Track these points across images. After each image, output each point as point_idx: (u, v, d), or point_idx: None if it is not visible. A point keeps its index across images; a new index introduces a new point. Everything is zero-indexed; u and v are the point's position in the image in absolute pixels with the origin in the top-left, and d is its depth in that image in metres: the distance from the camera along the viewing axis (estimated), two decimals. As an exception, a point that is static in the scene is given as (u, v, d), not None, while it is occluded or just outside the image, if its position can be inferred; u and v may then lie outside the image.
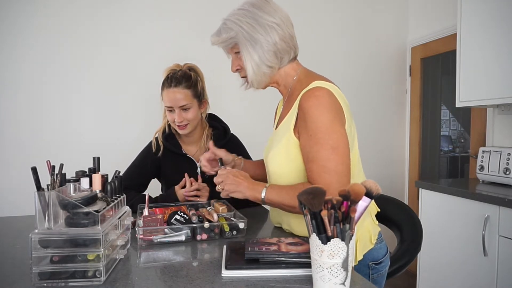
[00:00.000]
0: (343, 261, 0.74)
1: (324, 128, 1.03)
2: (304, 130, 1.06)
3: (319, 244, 0.75)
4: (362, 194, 0.78)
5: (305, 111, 1.05)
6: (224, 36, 1.14)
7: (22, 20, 2.58)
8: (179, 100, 1.57)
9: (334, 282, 0.75)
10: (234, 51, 1.17)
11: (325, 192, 0.76)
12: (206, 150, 1.66)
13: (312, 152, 1.03)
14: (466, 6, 2.36)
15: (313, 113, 1.04)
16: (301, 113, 1.07)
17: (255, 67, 1.13)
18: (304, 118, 1.06)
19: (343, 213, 0.77)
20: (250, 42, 1.12)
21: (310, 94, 1.06)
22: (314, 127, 1.03)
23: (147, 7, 2.80)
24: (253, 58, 1.13)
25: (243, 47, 1.13)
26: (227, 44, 1.16)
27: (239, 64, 1.18)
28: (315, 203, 0.75)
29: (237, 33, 1.12)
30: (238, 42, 1.13)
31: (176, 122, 1.59)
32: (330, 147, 1.02)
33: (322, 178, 1.01)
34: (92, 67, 2.71)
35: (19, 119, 2.60)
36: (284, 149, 1.11)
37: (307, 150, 1.05)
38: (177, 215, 1.19)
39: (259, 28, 1.11)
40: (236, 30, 1.12)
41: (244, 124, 2.82)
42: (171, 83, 1.58)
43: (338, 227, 0.75)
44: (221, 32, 1.15)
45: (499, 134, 2.52)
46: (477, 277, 2.01)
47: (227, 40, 1.14)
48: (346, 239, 0.74)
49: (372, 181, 0.83)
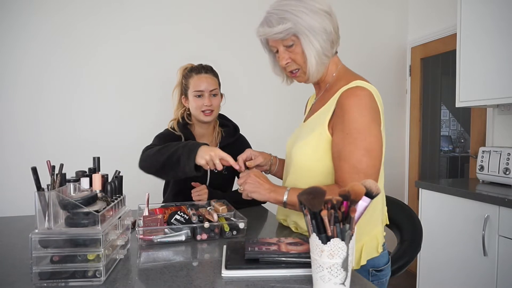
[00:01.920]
0: (343, 261, 0.74)
1: (362, 128, 1.02)
2: (340, 127, 1.05)
3: (319, 244, 0.75)
4: (362, 194, 0.78)
5: (344, 109, 1.04)
6: (279, 27, 1.07)
7: (22, 20, 2.58)
8: (210, 84, 1.64)
9: (334, 282, 0.75)
10: (284, 44, 1.11)
11: (325, 192, 0.76)
12: (216, 145, 1.71)
13: (345, 151, 1.03)
14: (466, 6, 2.36)
15: (352, 112, 1.03)
16: (339, 110, 1.06)
17: (317, 57, 1.09)
18: (341, 116, 1.05)
19: (343, 213, 0.77)
20: (309, 31, 1.07)
21: (352, 93, 1.05)
22: (351, 126, 1.03)
23: (147, 7, 2.80)
24: (315, 47, 1.08)
25: (303, 37, 1.08)
26: (283, 35, 1.09)
27: (289, 57, 1.13)
28: (315, 203, 0.75)
29: (295, 23, 1.07)
30: (296, 33, 1.08)
31: (205, 107, 1.62)
32: (364, 149, 1.02)
33: (351, 178, 1.00)
34: (92, 67, 2.71)
35: (19, 119, 2.60)
36: (314, 142, 1.10)
37: (340, 148, 1.04)
38: (177, 215, 1.19)
39: (314, 15, 1.08)
40: (293, 20, 1.07)
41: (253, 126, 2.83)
42: (201, 69, 1.66)
43: (338, 227, 0.75)
44: (273, 23, 1.08)
45: (499, 134, 2.52)
46: (477, 277, 2.01)
47: (283, 31, 1.08)
48: (346, 239, 0.74)
49: (372, 181, 0.83)
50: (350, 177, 1.01)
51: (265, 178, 1.16)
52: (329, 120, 1.08)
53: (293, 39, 1.09)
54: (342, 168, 1.03)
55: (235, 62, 2.95)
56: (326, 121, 1.09)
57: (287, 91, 3.03)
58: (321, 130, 1.09)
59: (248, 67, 2.99)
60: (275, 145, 1.98)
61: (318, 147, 1.09)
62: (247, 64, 2.98)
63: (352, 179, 1.00)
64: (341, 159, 1.03)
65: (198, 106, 1.63)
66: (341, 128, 1.04)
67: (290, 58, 1.13)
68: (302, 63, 1.12)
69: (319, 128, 1.10)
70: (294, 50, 1.11)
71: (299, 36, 1.08)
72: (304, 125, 1.22)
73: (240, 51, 2.96)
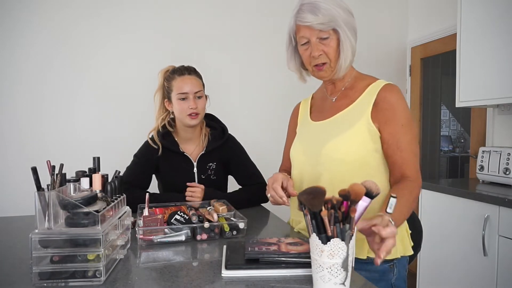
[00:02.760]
0: (343, 261, 0.74)
1: (411, 119, 1.13)
2: (394, 120, 1.10)
3: (319, 244, 0.75)
4: (362, 194, 0.79)
5: (392, 103, 1.11)
6: (323, 17, 1.10)
7: (22, 20, 2.58)
8: (195, 86, 1.58)
9: (334, 282, 0.75)
10: (320, 35, 1.13)
11: (325, 192, 0.76)
12: (203, 149, 1.66)
13: (405, 141, 1.09)
14: (466, 6, 2.36)
15: (401, 105, 1.12)
16: (386, 104, 1.11)
17: (352, 54, 1.15)
18: (391, 109, 1.11)
19: (343, 213, 0.77)
20: (347, 27, 1.12)
21: (392, 89, 1.14)
22: (405, 119, 1.10)
23: (147, 8, 2.80)
24: (352, 44, 1.14)
25: (343, 31, 1.11)
26: (325, 26, 1.11)
27: (323, 49, 1.14)
28: (315, 203, 0.75)
29: (336, 17, 1.10)
30: (336, 26, 1.11)
31: (190, 110, 1.56)
32: (415, 137, 1.12)
33: (414, 163, 1.09)
34: (92, 67, 2.72)
35: (19, 119, 2.60)
36: (359, 135, 1.12)
37: (398, 139, 1.09)
38: (177, 215, 1.19)
39: (348, 13, 1.13)
40: (335, 13, 1.10)
41: (243, 125, 2.83)
42: (184, 71, 1.61)
43: (338, 227, 0.75)
44: (317, 13, 1.10)
45: (499, 134, 2.52)
46: (477, 277, 2.01)
47: (326, 23, 1.10)
48: (346, 239, 0.74)
49: (372, 181, 0.83)
50: (414, 165, 1.09)
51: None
52: (371, 112, 1.12)
53: (330, 33, 1.12)
54: (405, 157, 1.09)
55: (231, 62, 2.95)
56: (367, 114, 1.12)
57: (282, 91, 3.03)
58: (364, 122, 1.12)
59: (245, 68, 2.99)
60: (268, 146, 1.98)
61: (364, 140, 1.12)
62: (243, 65, 2.98)
63: (415, 166, 1.09)
64: (402, 149, 1.09)
65: (183, 110, 1.57)
66: (395, 121, 1.10)
67: (322, 50, 1.14)
68: (332, 57, 1.15)
69: (362, 121, 1.12)
70: (329, 43, 1.13)
71: (338, 30, 1.11)
72: (332, 121, 1.20)
73: (239, 52, 2.96)
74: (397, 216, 0.95)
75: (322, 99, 1.32)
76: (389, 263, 1.14)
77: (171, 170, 1.65)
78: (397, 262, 1.16)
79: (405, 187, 1.06)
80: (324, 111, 1.26)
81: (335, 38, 1.13)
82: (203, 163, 1.66)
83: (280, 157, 1.47)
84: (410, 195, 1.05)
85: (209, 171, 1.66)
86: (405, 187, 1.06)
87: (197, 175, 1.65)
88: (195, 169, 1.65)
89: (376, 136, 1.12)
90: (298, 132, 1.34)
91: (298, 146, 1.28)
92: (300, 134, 1.32)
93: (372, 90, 1.15)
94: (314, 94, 1.40)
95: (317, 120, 1.26)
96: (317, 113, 1.30)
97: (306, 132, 1.28)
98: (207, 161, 1.66)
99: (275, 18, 2.91)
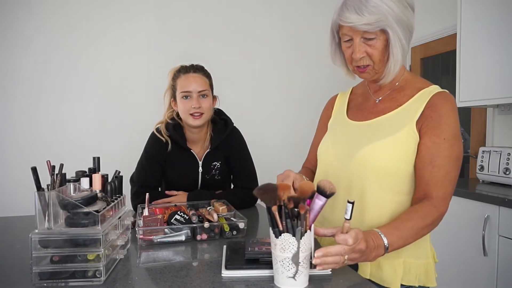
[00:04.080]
0: (293, 256, 0.78)
1: (458, 136, 0.99)
2: (437, 132, 0.98)
3: (273, 237, 0.80)
4: (309, 193, 0.82)
5: (441, 113, 0.98)
6: (370, 17, 0.94)
7: (22, 20, 2.58)
8: (199, 85, 1.52)
9: (287, 275, 0.79)
10: (364, 35, 0.99)
11: (276, 189, 0.79)
12: (208, 147, 1.62)
13: (441, 157, 0.96)
14: (466, 6, 2.35)
15: (450, 117, 0.98)
16: (435, 113, 0.99)
17: (401, 57, 1.00)
18: (438, 120, 0.98)
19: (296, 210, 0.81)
20: (400, 25, 0.97)
21: (446, 98, 1.01)
22: (450, 133, 0.98)
23: (147, 7, 2.80)
24: (403, 46, 0.99)
25: (393, 32, 0.96)
26: (371, 27, 0.95)
27: (366, 50, 1.00)
28: (265, 198, 0.79)
29: (386, 16, 0.95)
30: (385, 26, 0.96)
31: (193, 109, 1.50)
32: (456, 157, 0.98)
33: (444, 187, 0.96)
34: (92, 67, 2.72)
35: (19, 119, 2.60)
36: (402, 144, 1.00)
37: (433, 153, 0.97)
38: (177, 215, 1.19)
39: (404, 9, 0.97)
40: (384, 11, 0.94)
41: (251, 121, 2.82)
42: (190, 69, 1.56)
43: (289, 223, 0.79)
44: (363, 11, 0.95)
45: (499, 134, 2.52)
46: (477, 277, 2.01)
47: (374, 23, 0.95)
48: (297, 235, 0.77)
49: (328, 180, 0.83)
50: (443, 184, 0.96)
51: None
52: (417, 120, 1.01)
53: (377, 33, 0.98)
54: (435, 174, 0.96)
55: (242, 61, 2.95)
56: (413, 121, 1.00)
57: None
58: (408, 130, 1.00)
59: (254, 67, 2.99)
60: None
61: (407, 147, 1.00)
62: (253, 63, 2.98)
63: (444, 187, 0.96)
64: (435, 165, 0.96)
65: (186, 109, 1.51)
66: (437, 132, 0.98)
67: (366, 52, 1.01)
68: (377, 60, 1.01)
69: (407, 128, 1.00)
70: (374, 44, 0.99)
71: (388, 31, 0.97)
72: (376, 122, 1.07)
73: (245, 49, 2.96)
74: (395, 240, 0.89)
75: (363, 96, 1.17)
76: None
77: (176, 166, 1.61)
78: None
79: (419, 210, 0.94)
80: (365, 111, 1.13)
81: (382, 39, 0.98)
82: (208, 161, 1.62)
83: (291, 159, 1.42)
84: (421, 219, 0.93)
85: (214, 171, 1.64)
86: (419, 210, 0.94)
87: (201, 175, 1.62)
88: (200, 168, 1.61)
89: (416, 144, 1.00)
90: (330, 128, 1.20)
91: (328, 145, 1.15)
92: (332, 131, 1.18)
93: (424, 96, 1.02)
94: (354, 89, 1.25)
95: (355, 119, 1.13)
96: (356, 111, 1.16)
97: (341, 131, 1.15)
98: (212, 159, 1.63)
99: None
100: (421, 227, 0.93)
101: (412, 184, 1.02)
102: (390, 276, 1.00)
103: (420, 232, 0.94)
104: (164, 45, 2.81)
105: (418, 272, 1.02)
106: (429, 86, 1.05)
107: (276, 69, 3.00)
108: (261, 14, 3.01)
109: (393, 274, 1.00)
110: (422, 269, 1.03)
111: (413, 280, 1.01)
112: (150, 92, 2.78)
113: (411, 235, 0.92)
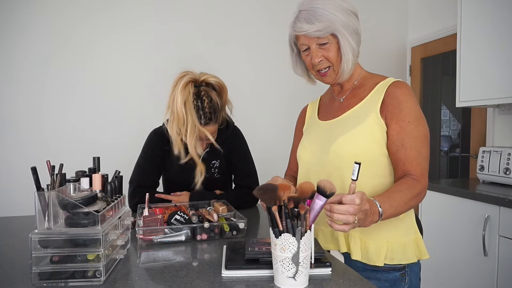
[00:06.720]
0: (293, 256, 0.78)
1: (420, 116, 1.09)
2: (400, 116, 1.07)
3: (273, 237, 0.80)
4: (309, 193, 0.82)
5: (400, 99, 1.09)
6: (319, 24, 1.07)
7: (22, 20, 2.58)
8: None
9: (287, 275, 0.79)
10: (318, 42, 1.11)
11: (276, 189, 0.80)
12: (206, 147, 1.62)
13: (409, 139, 1.06)
14: (466, 6, 2.36)
15: (409, 102, 1.09)
16: (394, 100, 1.09)
17: (353, 56, 1.12)
18: (398, 105, 1.08)
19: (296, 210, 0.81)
20: (346, 30, 1.09)
21: (402, 85, 1.12)
22: (412, 115, 1.08)
23: (147, 7, 2.80)
24: (352, 46, 1.11)
25: (341, 36, 1.09)
26: (322, 33, 1.09)
27: (323, 54, 1.13)
28: (265, 198, 0.80)
29: (333, 22, 1.08)
30: (334, 31, 1.09)
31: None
32: (424, 135, 1.08)
33: (419, 164, 1.05)
34: (92, 67, 2.71)
35: (19, 119, 2.60)
36: (368, 131, 1.10)
37: (403, 136, 1.06)
38: (177, 215, 1.19)
39: (347, 16, 1.10)
40: (331, 18, 1.07)
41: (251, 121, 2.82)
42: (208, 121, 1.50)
43: (289, 223, 0.79)
44: (312, 21, 1.08)
45: (499, 134, 2.52)
46: (477, 277, 2.01)
47: (323, 29, 1.08)
48: (297, 235, 0.78)
49: (328, 180, 0.83)
50: (418, 163, 1.05)
51: None
52: (380, 110, 1.11)
53: (329, 38, 1.10)
54: (408, 155, 1.05)
55: (244, 62, 2.95)
56: (376, 110, 1.10)
57: (293, 91, 3.03)
58: (374, 118, 1.10)
59: (255, 68, 2.99)
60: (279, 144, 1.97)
61: (374, 135, 1.09)
62: (255, 65, 2.98)
63: (420, 165, 1.05)
64: (406, 147, 1.06)
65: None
66: (401, 117, 1.07)
67: (323, 56, 1.13)
68: (334, 61, 1.13)
69: (371, 117, 1.10)
70: (328, 48, 1.12)
71: (337, 35, 1.10)
72: (342, 119, 1.18)
73: (247, 51, 2.96)
74: (387, 207, 0.95)
75: (330, 100, 1.30)
76: (400, 271, 1.11)
77: (175, 163, 1.59)
78: (408, 270, 1.12)
79: (405, 182, 1.03)
80: (332, 111, 1.24)
81: (335, 42, 1.11)
82: (207, 160, 1.63)
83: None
84: (408, 190, 1.01)
85: (213, 170, 1.64)
86: (405, 182, 1.03)
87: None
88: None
89: (385, 132, 1.10)
90: (305, 132, 1.32)
91: (305, 145, 1.25)
92: (307, 133, 1.30)
93: (381, 88, 1.14)
94: (322, 97, 1.38)
95: (325, 119, 1.25)
96: (325, 113, 1.28)
97: (314, 132, 1.26)
98: (211, 158, 1.64)
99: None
100: (409, 198, 1.01)
101: (388, 167, 1.12)
102: (375, 255, 1.09)
103: (408, 202, 1.01)
104: (164, 46, 2.81)
105: (409, 248, 1.11)
106: (385, 79, 1.17)
107: (277, 70, 3.00)
108: (262, 16, 3.01)
109: (378, 252, 1.09)
110: (413, 244, 1.13)
111: (407, 257, 1.10)
112: (151, 93, 2.78)
113: (401, 205, 1.00)
